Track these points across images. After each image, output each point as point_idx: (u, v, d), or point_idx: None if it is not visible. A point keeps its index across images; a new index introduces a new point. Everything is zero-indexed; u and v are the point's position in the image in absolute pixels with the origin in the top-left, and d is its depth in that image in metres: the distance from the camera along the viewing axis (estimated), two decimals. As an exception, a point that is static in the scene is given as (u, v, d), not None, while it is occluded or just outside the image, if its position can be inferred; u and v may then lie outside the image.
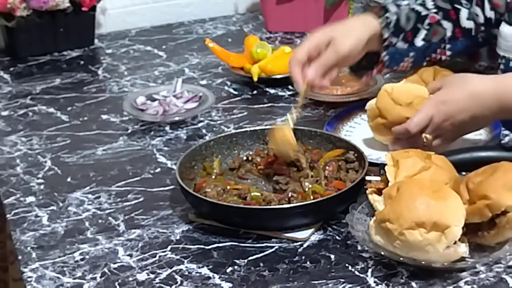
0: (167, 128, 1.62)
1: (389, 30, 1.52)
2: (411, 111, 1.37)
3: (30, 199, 1.38)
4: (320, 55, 1.44)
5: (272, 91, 1.78)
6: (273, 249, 1.21)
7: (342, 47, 1.44)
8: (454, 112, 1.33)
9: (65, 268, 1.19)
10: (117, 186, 1.41)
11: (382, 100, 1.43)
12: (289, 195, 1.28)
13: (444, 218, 1.09)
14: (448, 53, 1.57)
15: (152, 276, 1.16)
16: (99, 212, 1.33)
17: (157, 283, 1.15)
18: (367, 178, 1.28)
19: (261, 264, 1.17)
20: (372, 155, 1.42)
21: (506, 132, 1.50)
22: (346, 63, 1.51)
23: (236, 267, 1.17)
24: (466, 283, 1.11)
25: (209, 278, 1.15)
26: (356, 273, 1.14)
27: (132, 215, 1.32)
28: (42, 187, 1.42)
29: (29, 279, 1.17)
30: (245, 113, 1.68)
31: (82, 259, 1.21)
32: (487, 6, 1.54)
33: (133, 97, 1.70)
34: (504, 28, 1.48)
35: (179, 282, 1.14)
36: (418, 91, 1.41)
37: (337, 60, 1.45)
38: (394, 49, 1.53)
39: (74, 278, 1.17)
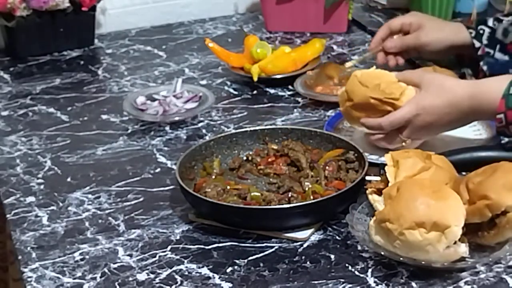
0: (167, 128, 1.62)
1: (482, 41, 1.60)
2: (376, 93, 1.39)
3: (30, 199, 1.38)
4: (407, 33, 1.70)
5: (272, 91, 1.78)
6: (273, 249, 1.21)
7: (424, 37, 1.67)
8: (433, 120, 1.36)
9: (65, 268, 1.19)
10: (117, 186, 1.41)
11: (350, 83, 1.45)
12: (289, 195, 1.28)
13: (444, 218, 1.09)
14: None
15: (152, 276, 1.16)
16: (99, 212, 1.33)
17: (157, 283, 1.15)
18: (367, 178, 1.28)
19: (261, 264, 1.17)
20: (372, 155, 1.42)
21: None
22: (425, 54, 1.71)
23: (236, 267, 1.17)
24: (466, 283, 1.11)
25: (209, 278, 1.15)
26: (356, 273, 1.14)
27: (132, 215, 1.32)
28: (42, 187, 1.42)
29: (29, 279, 1.17)
30: (245, 113, 1.68)
31: (82, 259, 1.21)
32: None
33: (133, 97, 1.70)
34: None
35: (179, 282, 1.15)
36: (387, 76, 1.42)
37: (414, 45, 1.69)
38: (493, 60, 1.58)
39: (74, 278, 1.17)
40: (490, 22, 1.63)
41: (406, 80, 1.41)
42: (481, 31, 1.62)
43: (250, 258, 1.19)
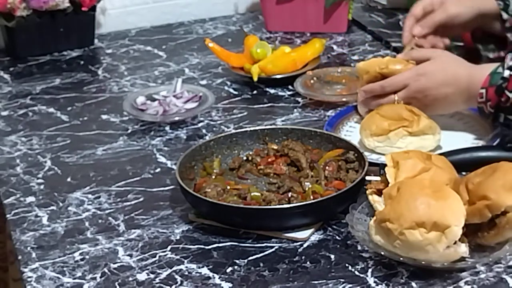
0: (167, 128, 1.62)
1: (509, 12, 1.58)
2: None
3: (30, 199, 1.38)
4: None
5: (272, 91, 1.78)
6: (273, 249, 1.21)
7: (450, 9, 1.61)
8: (430, 87, 1.43)
9: (65, 268, 1.19)
10: (117, 186, 1.41)
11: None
12: (289, 195, 1.28)
13: (444, 218, 1.09)
14: None
15: (152, 276, 1.16)
16: (99, 212, 1.33)
17: (157, 283, 1.15)
18: (367, 178, 1.28)
19: (261, 264, 1.17)
20: (372, 155, 1.42)
21: (506, 132, 1.50)
22: (454, 29, 1.65)
23: (236, 267, 1.17)
24: (466, 283, 1.11)
25: (209, 278, 1.15)
26: (356, 273, 1.14)
27: (132, 215, 1.32)
28: (42, 187, 1.42)
29: (29, 279, 1.17)
30: (245, 113, 1.68)
31: (82, 259, 1.21)
32: None
33: (133, 97, 1.70)
34: None
35: (179, 282, 1.15)
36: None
37: (444, 20, 1.62)
38: None
39: (74, 278, 1.17)
40: None
41: (420, 58, 1.47)
42: (507, 2, 1.60)
43: (250, 258, 1.19)
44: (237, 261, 1.18)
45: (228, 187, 1.31)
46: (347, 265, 1.16)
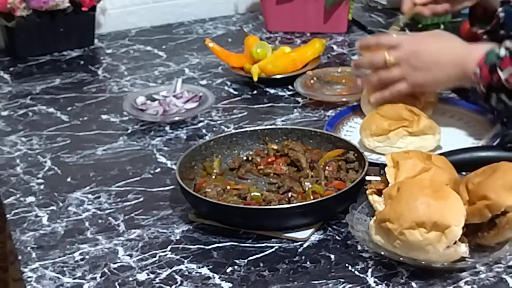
0: (167, 128, 1.62)
1: None
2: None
3: (30, 199, 1.38)
4: None
5: (272, 91, 1.78)
6: (273, 249, 1.21)
7: None
8: (424, 52, 1.44)
9: (65, 268, 1.19)
10: (117, 186, 1.41)
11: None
12: (289, 195, 1.28)
13: (445, 218, 1.09)
14: None
15: (152, 276, 1.16)
16: (99, 212, 1.33)
17: (157, 283, 1.15)
18: (367, 178, 1.28)
19: (261, 264, 1.17)
20: (372, 155, 1.42)
21: (506, 132, 1.50)
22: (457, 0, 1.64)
23: (236, 267, 1.17)
24: (466, 283, 1.11)
25: (209, 278, 1.15)
26: (356, 273, 1.14)
27: (132, 215, 1.32)
28: (42, 187, 1.42)
29: (29, 279, 1.17)
30: (245, 113, 1.68)
31: (82, 259, 1.21)
32: None
33: (133, 97, 1.70)
34: None
35: (179, 282, 1.15)
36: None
37: None
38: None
39: (74, 278, 1.17)
40: None
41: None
42: None
43: (250, 258, 1.19)
44: (237, 261, 1.18)
45: (228, 187, 1.31)
46: (347, 265, 1.16)
